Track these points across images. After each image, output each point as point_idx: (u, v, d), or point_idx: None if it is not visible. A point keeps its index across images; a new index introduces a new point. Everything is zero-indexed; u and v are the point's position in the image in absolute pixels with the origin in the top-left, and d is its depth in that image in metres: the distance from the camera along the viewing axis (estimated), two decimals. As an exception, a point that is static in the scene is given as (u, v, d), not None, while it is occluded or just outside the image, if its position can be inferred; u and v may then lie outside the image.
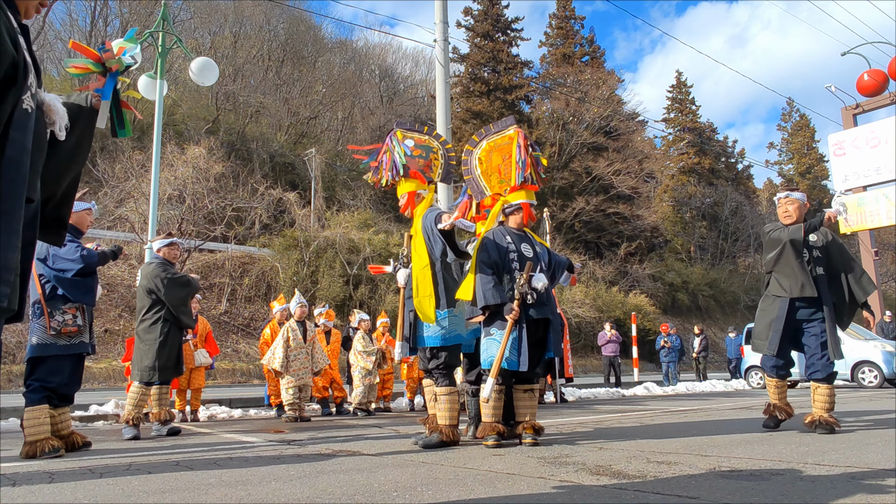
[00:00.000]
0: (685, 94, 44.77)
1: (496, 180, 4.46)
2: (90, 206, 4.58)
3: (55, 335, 4.21)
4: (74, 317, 4.27)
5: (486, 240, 4.19)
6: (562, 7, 38.96)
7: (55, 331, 4.20)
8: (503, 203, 4.39)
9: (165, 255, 5.50)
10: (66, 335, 4.24)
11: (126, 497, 2.66)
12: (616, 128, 33.06)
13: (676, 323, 26.13)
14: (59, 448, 4.10)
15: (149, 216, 8.35)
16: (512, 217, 4.35)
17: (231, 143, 24.98)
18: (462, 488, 2.68)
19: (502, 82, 30.55)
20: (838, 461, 3.21)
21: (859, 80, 18.10)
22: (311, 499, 2.54)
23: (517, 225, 4.33)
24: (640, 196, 34.08)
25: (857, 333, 13.84)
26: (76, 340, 4.28)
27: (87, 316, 4.42)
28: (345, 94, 33.42)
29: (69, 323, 4.24)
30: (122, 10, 26.97)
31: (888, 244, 38.04)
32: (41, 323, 4.22)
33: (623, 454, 3.63)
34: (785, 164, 51.70)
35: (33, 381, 4.18)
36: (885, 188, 17.28)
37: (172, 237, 5.67)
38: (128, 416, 5.17)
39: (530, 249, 4.26)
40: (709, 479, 2.76)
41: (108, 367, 13.97)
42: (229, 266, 19.14)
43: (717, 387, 13.58)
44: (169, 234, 5.78)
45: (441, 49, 12.07)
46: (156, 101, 8.37)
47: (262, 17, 32.24)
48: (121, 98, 2.52)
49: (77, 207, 4.51)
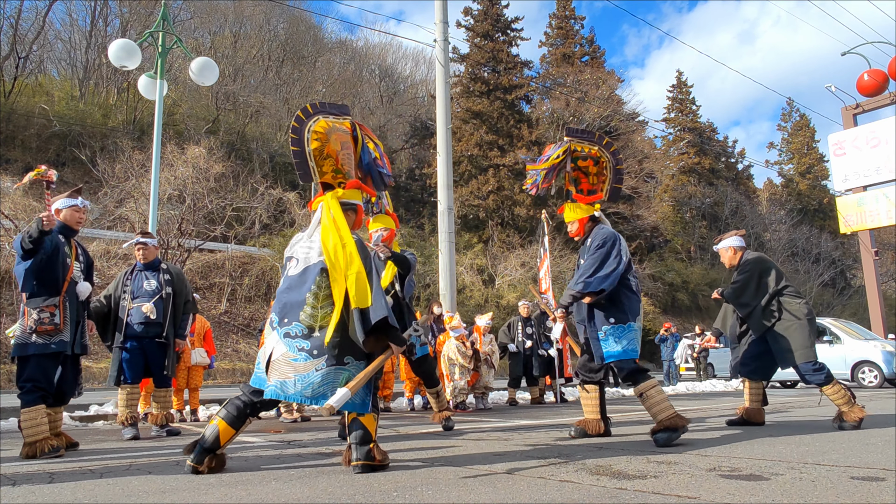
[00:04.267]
0: (685, 94, 44.77)
1: (330, 167, 3.67)
2: (77, 203, 4.46)
3: (30, 333, 4.12)
4: (52, 315, 4.16)
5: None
6: (562, 7, 38.96)
7: (31, 329, 4.12)
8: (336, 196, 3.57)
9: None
10: (42, 333, 4.13)
11: (126, 497, 2.66)
12: (616, 128, 33.05)
13: (676, 323, 26.12)
14: (59, 447, 4.10)
15: (149, 216, 8.36)
16: (347, 217, 3.56)
17: (231, 143, 24.96)
18: (462, 488, 2.68)
19: (502, 82, 30.53)
20: (838, 461, 3.21)
21: (859, 80, 18.09)
22: (311, 499, 2.54)
23: (350, 227, 3.54)
24: (640, 196, 34.06)
25: (857, 333, 13.85)
26: (55, 339, 4.16)
27: (68, 314, 4.27)
28: (345, 94, 33.41)
29: (45, 321, 4.13)
30: (122, 10, 26.96)
31: (888, 244, 38.02)
32: (21, 321, 4.19)
33: (623, 454, 3.63)
34: (785, 164, 51.71)
35: (25, 383, 4.12)
36: (885, 188, 17.28)
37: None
38: (121, 417, 5.16)
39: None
40: (709, 479, 2.76)
41: (107, 367, 13.96)
42: (229, 266, 19.14)
43: (717, 387, 13.58)
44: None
45: (441, 49, 12.07)
46: (156, 101, 8.38)
47: (262, 17, 32.23)
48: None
49: (64, 204, 4.48)
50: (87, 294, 4.48)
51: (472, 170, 29.16)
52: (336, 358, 3.14)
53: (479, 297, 22.62)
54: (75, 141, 21.73)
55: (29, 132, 22.00)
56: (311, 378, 3.12)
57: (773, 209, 45.93)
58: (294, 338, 3.18)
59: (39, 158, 21.91)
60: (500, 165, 28.72)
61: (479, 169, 29.16)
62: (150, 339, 5.26)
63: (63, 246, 4.35)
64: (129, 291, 5.27)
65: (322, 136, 3.60)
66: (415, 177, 32.52)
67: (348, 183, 3.65)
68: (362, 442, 3.18)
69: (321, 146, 3.59)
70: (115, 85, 26.29)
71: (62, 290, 4.28)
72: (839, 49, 45.50)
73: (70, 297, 4.35)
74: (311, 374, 3.12)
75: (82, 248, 4.70)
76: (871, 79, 17.86)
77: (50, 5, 25.02)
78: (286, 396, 3.14)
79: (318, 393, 3.12)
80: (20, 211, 15.93)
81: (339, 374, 3.14)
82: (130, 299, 5.24)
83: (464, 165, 29.04)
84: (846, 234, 18.91)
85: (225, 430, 3.21)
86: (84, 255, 4.67)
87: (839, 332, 13.67)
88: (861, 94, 18.28)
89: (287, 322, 3.22)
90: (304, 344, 3.17)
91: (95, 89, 26.00)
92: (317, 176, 3.63)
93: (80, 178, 20.93)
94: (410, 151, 34.44)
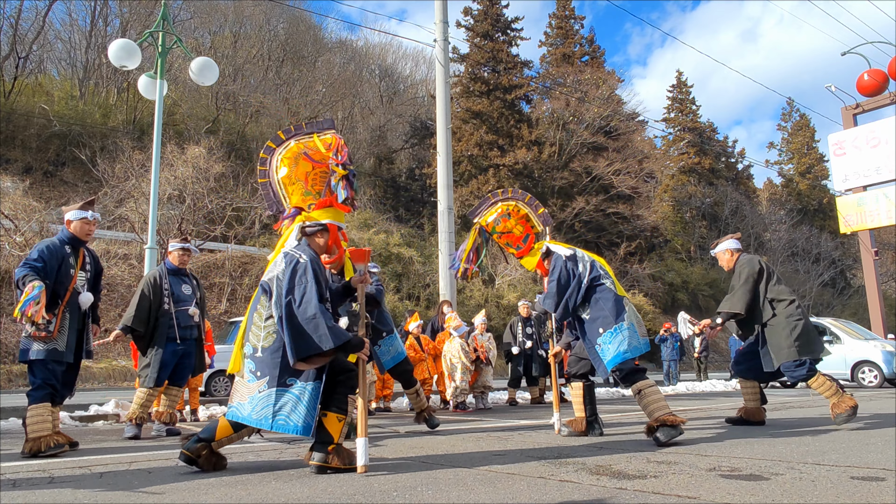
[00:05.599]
0: (685, 94, 44.77)
1: (299, 191, 3.57)
2: (87, 216, 4.50)
3: (28, 338, 4.20)
4: (49, 322, 4.20)
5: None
6: (562, 7, 38.94)
7: (27, 334, 4.20)
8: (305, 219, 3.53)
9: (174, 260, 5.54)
10: (38, 339, 4.19)
11: (126, 497, 2.66)
12: (616, 128, 33.03)
13: (676, 323, 26.10)
14: (63, 444, 4.13)
15: (149, 216, 8.35)
16: (315, 238, 3.43)
17: (231, 143, 24.95)
18: (462, 488, 2.68)
19: (502, 82, 30.53)
20: (838, 461, 3.21)
21: (859, 80, 18.08)
22: (311, 499, 2.54)
23: (318, 250, 3.43)
24: (640, 196, 34.04)
25: (857, 333, 13.85)
26: (49, 346, 4.21)
27: (67, 323, 4.31)
28: (345, 94, 33.42)
29: (41, 328, 4.18)
30: (122, 10, 26.96)
31: (888, 244, 38.03)
32: (25, 328, 4.26)
33: (623, 454, 3.63)
34: (785, 164, 51.70)
35: (36, 380, 4.20)
36: (885, 188, 17.27)
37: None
38: (132, 415, 5.18)
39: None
40: (709, 479, 2.76)
41: (108, 367, 13.96)
42: (229, 266, 19.13)
43: (717, 387, 13.58)
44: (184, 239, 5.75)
45: (441, 49, 12.07)
46: (156, 101, 8.38)
47: (262, 17, 32.23)
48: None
49: (75, 216, 4.51)
50: (88, 304, 4.50)
51: (472, 170, 29.16)
52: (278, 379, 3.10)
53: (479, 297, 22.61)
54: (75, 141, 21.73)
55: (29, 132, 22.00)
56: (257, 399, 3.11)
57: (773, 209, 45.95)
58: (246, 358, 3.21)
59: (39, 158, 21.94)
60: (500, 165, 28.72)
61: (479, 169, 29.15)
62: (192, 340, 5.45)
63: (69, 257, 4.39)
64: (168, 295, 5.34)
65: (290, 161, 3.59)
66: (415, 177, 32.52)
67: (317, 203, 3.57)
68: (322, 442, 3.18)
69: (289, 172, 3.58)
70: (115, 85, 26.29)
71: (63, 300, 4.32)
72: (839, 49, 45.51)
73: (71, 306, 4.38)
74: (256, 395, 3.11)
75: (92, 255, 4.71)
76: (871, 79, 17.85)
77: (50, 5, 25.03)
78: (240, 418, 3.13)
79: (261, 415, 3.08)
80: (20, 211, 15.92)
81: (280, 395, 3.09)
82: (173, 303, 5.34)
83: (464, 165, 29.04)
84: (846, 234, 18.90)
85: (224, 427, 3.22)
86: (93, 263, 4.69)
87: (839, 332, 13.67)
88: (861, 94, 18.27)
89: (244, 342, 3.27)
90: (251, 365, 3.18)
91: (95, 89, 25.99)
92: (287, 202, 3.62)
93: (80, 178, 20.94)
94: (410, 151, 34.44)
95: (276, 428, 3.07)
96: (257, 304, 3.27)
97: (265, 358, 3.13)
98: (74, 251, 4.48)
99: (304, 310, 3.03)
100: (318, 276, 3.15)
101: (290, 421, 3.06)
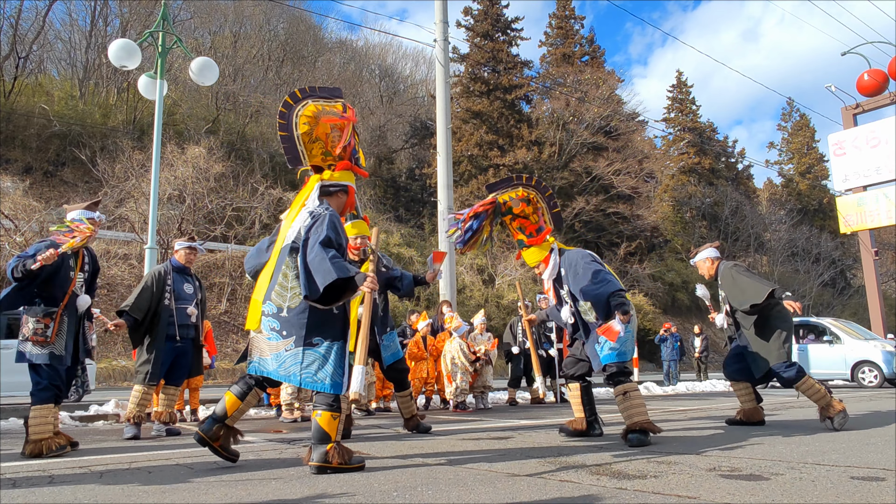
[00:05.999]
0: (685, 94, 44.78)
1: (319, 150, 3.64)
2: (93, 216, 4.48)
3: (24, 341, 4.19)
4: (46, 327, 4.19)
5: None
6: (562, 7, 38.94)
7: (24, 337, 4.19)
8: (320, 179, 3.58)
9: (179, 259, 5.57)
10: (35, 343, 4.18)
11: (126, 497, 2.66)
12: (616, 128, 33.04)
13: (676, 323, 26.13)
14: (65, 446, 4.12)
15: (149, 216, 8.36)
16: (336, 197, 3.56)
17: (231, 143, 24.96)
18: (462, 488, 2.68)
19: (502, 82, 30.53)
20: (838, 461, 3.21)
21: (859, 80, 18.08)
22: (311, 499, 2.54)
23: (339, 209, 3.56)
24: (640, 196, 34.05)
25: (857, 333, 13.85)
26: (46, 350, 4.19)
27: (65, 327, 4.30)
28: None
29: (38, 332, 4.18)
30: (122, 10, 26.95)
31: (888, 244, 38.04)
32: (22, 330, 4.26)
33: (623, 454, 3.63)
34: (785, 164, 51.72)
35: (42, 381, 4.18)
36: (885, 188, 17.27)
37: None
38: (130, 414, 5.18)
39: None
40: (709, 479, 2.76)
41: (108, 367, 13.96)
42: (229, 266, 19.13)
43: (717, 387, 13.57)
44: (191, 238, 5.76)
45: (441, 49, 12.07)
46: (156, 101, 8.38)
47: (262, 17, 32.23)
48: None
49: (77, 216, 4.50)
50: (86, 307, 4.49)
51: (472, 170, 29.16)
52: (304, 339, 3.17)
53: (479, 297, 22.62)
54: (75, 141, 21.73)
55: (29, 132, 22.00)
56: (283, 357, 3.19)
57: (773, 209, 45.97)
58: (267, 316, 3.25)
59: (39, 158, 21.94)
60: (500, 165, 28.71)
61: (479, 169, 29.15)
62: (189, 340, 5.45)
63: (69, 259, 4.36)
64: (170, 291, 5.34)
65: (311, 119, 3.61)
66: (415, 177, 32.52)
67: (338, 165, 3.64)
68: (320, 442, 3.18)
69: (310, 129, 3.60)
70: (115, 85, 26.29)
71: (62, 303, 4.30)
72: (839, 49, 45.48)
73: (69, 309, 4.36)
74: (283, 353, 3.19)
75: (91, 255, 4.69)
76: (871, 79, 17.85)
77: (50, 5, 25.03)
78: (266, 372, 3.23)
79: (289, 372, 3.18)
80: (20, 211, 15.93)
81: (307, 354, 3.17)
82: (174, 300, 5.34)
83: (464, 165, 29.04)
84: (846, 234, 18.90)
85: (232, 403, 3.31)
86: (91, 262, 4.68)
87: (839, 332, 13.67)
88: (861, 94, 18.27)
89: (265, 301, 3.30)
90: (274, 323, 3.23)
91: (95, 89, 25.99)
92: (306, 159, 3.63)
93: (80, 178, 20.94)
94: (410, 151, 34.43)
95: (304, 384, 3.15)
96: (282, 264, 3.29)
97: (291, 318, 3.20)
98: (75, 252, 4.45)
99: (312, 248, 3.13)
100: (335, 226, 3.24)
101: (316, 378, 3.15)
